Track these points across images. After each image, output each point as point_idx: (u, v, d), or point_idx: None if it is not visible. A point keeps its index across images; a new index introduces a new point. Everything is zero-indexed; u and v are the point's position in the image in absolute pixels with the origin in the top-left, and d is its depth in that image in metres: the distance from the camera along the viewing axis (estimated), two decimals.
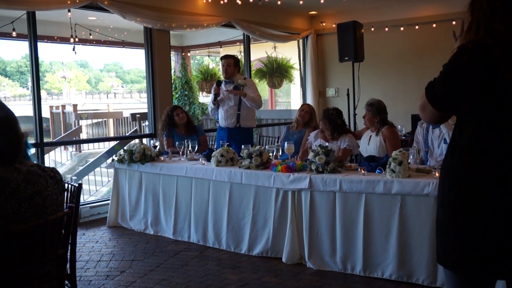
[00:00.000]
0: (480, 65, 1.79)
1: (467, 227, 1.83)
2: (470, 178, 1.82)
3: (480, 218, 1.80)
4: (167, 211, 5.24)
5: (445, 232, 1.92)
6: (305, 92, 9.46)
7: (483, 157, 1.80)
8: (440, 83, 1.93)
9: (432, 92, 1.96)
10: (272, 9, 8.25)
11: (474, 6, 1.87)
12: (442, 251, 1.94)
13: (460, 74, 1.83)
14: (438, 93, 1.94)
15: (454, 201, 1.87)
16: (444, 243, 1.92)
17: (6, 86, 40.04)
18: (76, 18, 7.78)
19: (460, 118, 1.91)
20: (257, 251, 4.54)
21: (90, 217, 6.13)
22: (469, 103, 1.84)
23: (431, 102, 1.97)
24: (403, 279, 3.77)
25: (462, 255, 1.85)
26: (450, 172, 1.90)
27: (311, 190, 4.17)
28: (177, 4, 6.94)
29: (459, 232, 1.85)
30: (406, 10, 8.24)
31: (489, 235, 1.78)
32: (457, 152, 1.87)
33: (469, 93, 1.82)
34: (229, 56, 6.05)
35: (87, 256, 4.74)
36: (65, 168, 12.58)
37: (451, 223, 1.88)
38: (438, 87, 1.94)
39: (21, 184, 2.14)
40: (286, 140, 5.09)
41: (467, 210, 1.82)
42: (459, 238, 1.85)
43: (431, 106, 1.97)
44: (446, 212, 1.91)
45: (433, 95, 1.96)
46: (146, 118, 8.70)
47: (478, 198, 1.80)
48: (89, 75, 46.15)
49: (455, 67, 1.86)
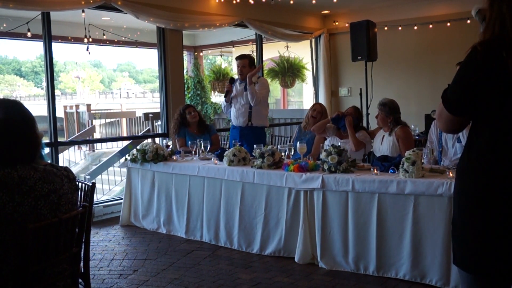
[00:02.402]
0: (492, 68, 1.77)
1: (484, 229, 1.82)
2: (487, 180, 1.81)
3: (497, 220, 1.79)
4: (179, 211, 5.26)
5: (462, 234, 1.91)
6: (318, 92, 9.43)
7: (499, 159, 1.79)
8: (455, 87, 1.90)
9: (447, 97, 1.92)
10: (285, 8, 8.23)
11: (493, 6, 1.84)
12: (459, 253, 1.93)
13: (475, 78, 1.81)
14: (453, 97, 1.90)
15: (471, 203, 1.86)
16: (462, 245, 1.91)
17: (21, 86, 40.52)
18: (90, 19, 7.83)
19: (476, 120, 1.90)
20: (269, 251, 4.53)
21: (104, 216, 6.17)
22: (484, 106, 1.83)
23: (447, 108, 1.93)
24: (417, 279, 3.74)
25: (479, 257, 1.84)
26: (467, 174, 1.90)
27: (323, 190, 4.16)
28: (190, 4, 6.96)
29: (476, 234, 1.85)
30: (420, 9, 8.18)
31: (507, 238, 1.77)
32: (474, 154, 1.87)
33: (483, 95, 1.81)
34: (244, 56, 6.04)
35: (100, 255, 4.77)
36: (79, 168, 12.68)
37: (468, 225, 1.87)
38: (453, 91, 1.91)
39: (38, 182, 2.18)
40: (299, 139, 5.08)
41: (484, 212, 1.81)
42: (477, 240, 1.84)
43: (447, 112, 1.93)
44: (462, 214, 1.91)
45: (448, 100, 1.92)
46: (159, 118, 8.73)
47: (495, 200, 1.79)
48: (102, 75, 46.49)
49: (469, 69, 1.84)
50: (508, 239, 1.78)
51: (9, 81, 40.76)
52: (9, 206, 2.10)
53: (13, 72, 41.83)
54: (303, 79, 11.09)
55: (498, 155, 1.80)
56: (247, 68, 5.92)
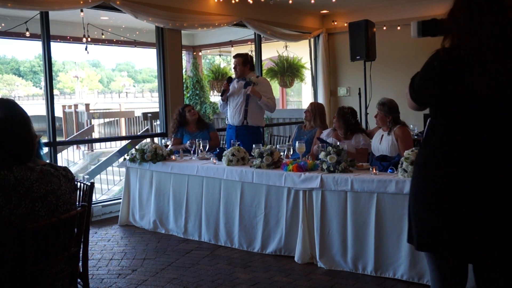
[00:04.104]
0: (450, 72, 1.99)
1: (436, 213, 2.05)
2: (439, 171, 2.04)
3: (447, 206, 2.02)
4: (178, 210, 5.26)
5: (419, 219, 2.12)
6: (317, 91, 9.43)
7: (450, 154, 2.03)
8: (417, 82, 2.15)
9: (412, 86, 2.18)
10: (284, 8, 8.23)
11: (451, 15, 2.05)
12: (417, 237, 2.13)
13: (432, 78, 2.06)
14: (416, 90, 2.16)
15: (425, 190, 2.09)
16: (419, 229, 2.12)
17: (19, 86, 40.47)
18: (88, 18, 7.83)
19: (432, 115, 2.16)
20: (270, 250, 4.54)
21: (102, 215, 6.17)
22: (438, 105, 2.08)
23: (410, 95, 2.21)
24: (415, 279, 3.74)
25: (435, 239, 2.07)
26: (423, 165, 2.12)
27: (322, 190, 4.16)
28: (189, 4, 6.95)
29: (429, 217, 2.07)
30: (419, 9, 8.17)
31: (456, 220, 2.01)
32: (429, 149, 2.11)
33: (438, 95, 2.05)
34: (238, 55, 6.06)
35: (99, 255, 4.77)
36: (78, 167, 12.67)
37: (422, 210, 2.10)
38: (416, 84, 2.16)
39: (34, 183, 2.17)
40: (298, 139, 5.08)
41: (436, 198, 2.05)
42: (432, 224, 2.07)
43: (410, 98, 2.21)
44: (418, 200, 2.12)
45: (412, 89, 2.18)
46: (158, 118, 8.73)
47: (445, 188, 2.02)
48: (101, 74, 46.45)
49: (428, 71, 2.08)
50: (457, 222, 2.00)
51: (8, 80, 40.73)
52: (6, 209, 2.09)
53: (12, 72, 41.79)
54: (302, 79, 11.09)
55: (448, 151, 2.03)
56: (240, 66, 5.94)
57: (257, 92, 5.82)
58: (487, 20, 1.96)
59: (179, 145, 5.95)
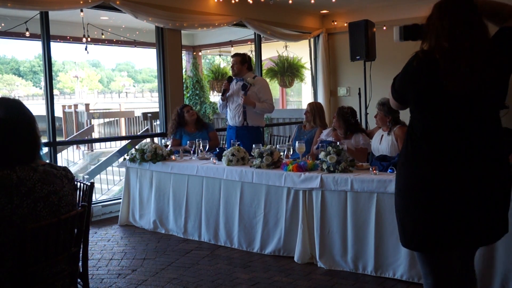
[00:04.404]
0: (427, 72, 2.15)
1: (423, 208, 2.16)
2: (423, 167, 2.17)
3: (432, 201, 2.14)
4: (177, 210, 5.26)
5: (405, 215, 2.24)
6: (317, 92, 9.43)
7: (431, 150, 2.16)
8: (398, 81, 2.33)
9: (394, 86, 2.36)
10: (283, 8, 8.23)
11: (429, 21, 2.24)
12: (405, 235, 2.25)
13: (410, 78, 2.23)
14: (397, 89, 2.34)
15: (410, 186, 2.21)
16: (407, 227, 2.23)
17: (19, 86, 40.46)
18: (88, 18, 7.83)
19: (412, 113, 2.30)
20: (269, 250, 4.54)
21: (102, 215, 6.17)
22: (417, 104, 2.23)
23: (392, 95, 2.38)
24: (414, 279, 3.74)
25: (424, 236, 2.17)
26: (407, 162, 2.25)
27: (322, 190, 4.16)
28: (189, 4, 6.95)
29: (419, 216, 2.18)
30: (418, 8, 8.16)
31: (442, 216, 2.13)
32: (412, 145, 2.24)
33: (417, 94, 2.21)
34: (236, 55, 6.05)
35: (99, 255, 4.77)
36: (77, 167, 12.67)
37: (409, 206, 2.21)
38: (397, 84, 2.34)
39: (37, 183, 2.17)
40: (298, 139, 5.08)
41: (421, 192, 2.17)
42: (421, 221, 2.17)
43: (392, 97, 2.39)
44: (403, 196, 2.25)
45: (394, 89, 2.36)
46: (158, 117, 8.73)
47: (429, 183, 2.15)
48: (101, 74, 46.44)
49: (407, 71, 2.26)
50: (443, 217, 2.12)
51: (8, 80, 40.72)
52: (7, 208, 2.09)
53: (12, 72, 41.78)
54: (302, 79, 11.08)
55: (430, 147, 2.16)
56: (238, 65, 5.92)
57: (250, 101, 5.81)
58: (458, 25, 2.14)
59: (178, 146, 5.95)
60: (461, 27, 2.13)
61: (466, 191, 2.12)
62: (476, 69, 2.08)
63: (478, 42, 2.11)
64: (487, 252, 3.46)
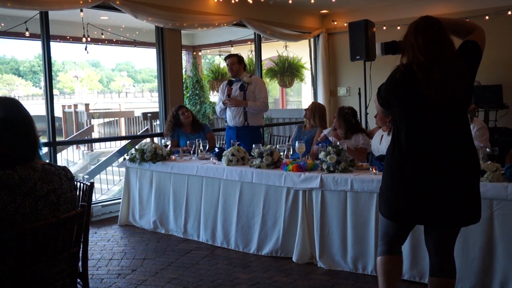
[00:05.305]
0: (407, 82, 2.56)
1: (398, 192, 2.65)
2: (404, 165, 2.60)
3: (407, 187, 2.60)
4: (177, 210, 5.25)
5: (386, 195, 2.73)
6: (316, 91, 9.43)
7: (412, 152, 2.58)
8: (383, 90, 2.73)
9: (379, 94, 2.77)
10: (283, 8, 8.23)
11: (406, 38, 2.65)
12: (383, 207, 2.76)
13: (394, 87, 2.64)
14: (382, 97, 2.75)
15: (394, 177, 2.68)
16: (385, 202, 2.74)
17: (19, 86, 40.46)
18: (88, 18, 7.83)
19: (396, 120, 2.70)
20: (266, 251, 4.53)
21: (102, 215, 6.17)
22: (400, 110, 2.65)
23: (378, 101, 2.80)
24: (415, 279, 3.75)
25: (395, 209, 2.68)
26: (393, 160, 2.67)
27: (322, 190, 4.16)
28: (189, 4, 6.95)
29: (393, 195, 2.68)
30: (418, 9, 8.16)
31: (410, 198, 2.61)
32: (397, 147, 2.63)
33: (399, 101, 2.63)
34: (232, 55, 6.01)
35: (98, 255, 4.77)
36: (77, 167, 12.67)
37: (389, 190, 2.70)
38: (382, 92, 2.74)
39: (37, 182, 2.17)
40: (297, 139, 5.07)
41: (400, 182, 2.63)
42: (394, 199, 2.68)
43: (378, 104, 2.81)
44: (387, 184, 2.72)
45: (380, 97, 2.77)
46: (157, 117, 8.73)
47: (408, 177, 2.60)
48: (101, 74, 46.44)
49: (390, 81, 2.66)
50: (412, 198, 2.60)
51: (7, 80, 40.72)
52: (10, 207, 2.09)
53: (11, 72, 41.78)
54: (301, 79, 11.09)
55: (411, 149, 2.58)
56: (236, 65, 5.88)
57: (240, 101, 5.81)
58: (431, 42, 2.53)
59: (178, 147, 5.95)
60: (434, 43, 2.52)
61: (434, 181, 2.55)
62: (448, 78, 2.47)
63: (448, 55, 2.51)
64: (487, 252, 3.46)
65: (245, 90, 5.85)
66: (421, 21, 2.63)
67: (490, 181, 3.43)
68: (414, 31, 2.61)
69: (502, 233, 3.40)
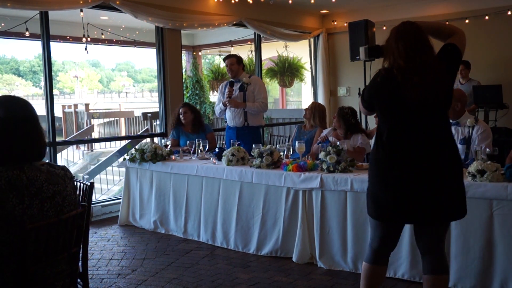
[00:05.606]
0: (388, 85, 2.67)
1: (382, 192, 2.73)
2: (387, 163, 2.70)
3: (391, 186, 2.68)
4: (177, 210, 5.25)
5: (372, 194, 2.80)
6: (316, 91, 9.43)
7: (393, 150, 2.68)
8: (366, 93, 2.85)
9: (363, 96, 2.88)
10: (283, 8, 8.23)
11: (388, 43, 2.73)
12: (369, 207, 2.82)
13: (375, 90, 2.76)
14: (365, 99, 2.86)
15: (377, 175, 2.76)
16: (371, 202, 2.80)
17: (19, 86, 40.44)
18: (88, 18, 7.83)
19: (379, 121, 2.83)
20: (266, 251, 4.53)
21: (102, 215, 6.17)
22: (381, 111, 2.76)
23: (362, 103, 2.91)
24: (415, 278, 3.74)
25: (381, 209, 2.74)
26: (377, 158, 2.76)
27: (322, 190, 4.16)
28: (189, 4, 6.95)
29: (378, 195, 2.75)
30: (418, 9, 8.18)
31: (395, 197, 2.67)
32: (381, 146, 2.73)
33: (381, 103, 2.74)
34: (231, 56, 6.00)
35: (98, 255, 4.77)
36: (77, 167, 12.67)
37: (375, 189, 2.77)
38: (365, 95, 2.85)
39: (44, 183, 2.17)
40: (298, 139, 5.07)
41: (384, 180, 2.71)
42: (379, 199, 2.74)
43: (362, 105, 2.92)
44: (372, 182, 2.80)
45: (363, 99, 2.88)
46: (157, 117, 8.73)
47: (390, 174, 2.68)
48: (101, 74, 46.43)
49: (372, 85, 2.78)
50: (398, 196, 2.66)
51: (7, 80, 40.70)
52: (18, 209, 2.09)
53: (11, 72, 41.76)
54: (301, 79, 11.09)
55: (393, 148, 2.68)
56: (235, 65, 5.86)
57: (239, 103, 5.80)
58: (410, 47, 2.62)
59: (177, 147, 5.94)
60: (413, 48, 2.62)
61: (419, 179, 2.63)
62: (427, 82, 2.57)
63: (427, 60, 2.61)
64: (487, 252, 3.46)
65: (244, 91, 5.84)
66: (402, 26, 2.73)
67: (490, 181, 3.43)
68: (395, 36, 2.70)
69: (502, 233, 3.40)
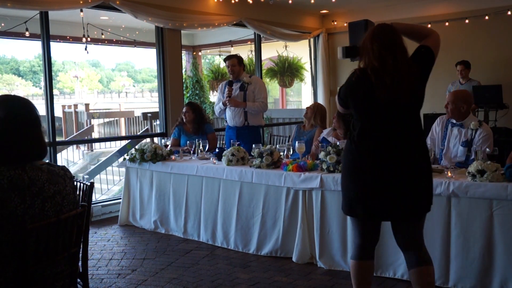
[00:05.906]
0: (362, 85, 2.77)
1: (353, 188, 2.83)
2: (358, 157, 2.81)
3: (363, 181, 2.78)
4: (177, 210, 5.26)
5: (345, 190, 2.90)
6: (316, 91, 9.43)
7: (364, 145, 2.79)
8: (342, 91, 2.95)
9: (339, 95, 3.00)
10: (283, 8, 8.24)
11: (364, 44, 2.82)
12: (343, 203, 2.92)
13: (350, 90, 2.87)
14: (341, 97, 2.97)
15: (349, 169, 2.87)
16: (342, 197, 2.93)
17: (19, 86, 40.43)
18: (88, 18, 7.83)
19: (353, 116, 2.92)
20: (266, 251, 4.53)
21: (102, 215, 6.17)
22: (355, 109, 2.87)
23: (338, 101, 3.04)
24: None
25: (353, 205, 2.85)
26: (349, 152, 2.87)
27: (322, 190, 4.16)
28: (189, 4, 6.96)
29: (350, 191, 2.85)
30: (418, 9, 8.18)
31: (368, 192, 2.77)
32: (353, 141, 2.84)
33: (355, 102, 2.85)
34: (232, 56, 5.98)
35: (98, 255, 4.77)
36: (77, 167, 12.66)
37: (347, 184, 2.87)
38: (341, 93, 2.96)
39: (45, 183, 2.17)
40: (297, 139, 5.07)
41: (355, 174, 2.82)
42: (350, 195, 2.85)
43: (338, 103, 3.05)
44: (344, 177, 2.90)
45: (339, 97, 3.01)
46: (157, 117, 8.73)
47: (361, 168, 2.79)
48: (101, 74, 46.43)
49: (348, 84, 2.89)
50: (369, 193, 2.77)
51: (7, 80, 40.70)
52: (20, 208, 2.09)
53: (11, 72, 41.76)
54: (301, 79, 11.09)
55: (363, 143, 2.80)
56: (237, 66, 5.85)
57: (239, 102, 5.81)
58: (384, 48, 2.71)
59: (177, 146, 5.94)
60: (387, 50, 2.70)
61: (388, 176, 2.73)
62: (399, 83, 2.66)
63: (399, 61, 2.69)
64: (487, 252, 3.46)
65: (245, 90, 5.85)
66: (377, 28, 2.82)
67: (490, 181, 3.43)
68: (370, 37, 2.79)
69: (502, 233, 3.40)
